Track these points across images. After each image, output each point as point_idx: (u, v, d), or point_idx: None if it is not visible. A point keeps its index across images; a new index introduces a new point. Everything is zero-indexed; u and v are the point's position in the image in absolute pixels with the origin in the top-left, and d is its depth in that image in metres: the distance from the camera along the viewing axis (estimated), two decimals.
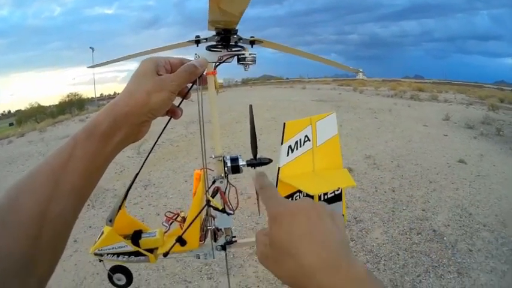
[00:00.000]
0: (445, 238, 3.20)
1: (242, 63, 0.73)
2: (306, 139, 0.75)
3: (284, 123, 0.72)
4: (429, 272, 2.69)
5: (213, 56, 0.70)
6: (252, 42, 0.74)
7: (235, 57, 0.73)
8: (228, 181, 0.76)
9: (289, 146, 0.74)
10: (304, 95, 16.29)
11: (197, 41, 0.72)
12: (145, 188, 4.86)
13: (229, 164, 0.73)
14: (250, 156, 0.79)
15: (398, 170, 5.12)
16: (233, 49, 0.73)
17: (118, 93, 0.50)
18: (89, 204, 4.23)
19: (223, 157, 0.74)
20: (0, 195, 0.37)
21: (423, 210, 3.80)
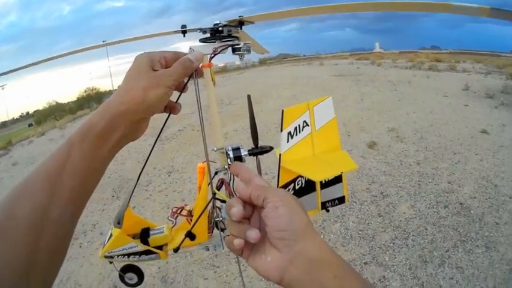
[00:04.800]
0: (472, 211, 3.12)
1: (237, 53, 0.73)
2: (305, 124, 0.74)
3: (282, 111, 0.72)
4: (457, 247, 2.65)
5: (207, 48, 0.68)
6: (241, 23, 0.72)
7: (230, 47, 0.72)
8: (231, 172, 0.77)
9: (289, 133, 0.74)
10: (322, 71, 15.84)
11: (184, 31, 0.71)
12: (169, 174, 4.93)
13: (231, 155, 0.74)
14: (275, 132, 0.78)
15: (422, 142, 4.98)
16: (227, 39, 0.72)
17: None
18: (113, 196, 4.36)
19: (225, 149, 0.75)
20: None
21: (449, 183, 3.70)
